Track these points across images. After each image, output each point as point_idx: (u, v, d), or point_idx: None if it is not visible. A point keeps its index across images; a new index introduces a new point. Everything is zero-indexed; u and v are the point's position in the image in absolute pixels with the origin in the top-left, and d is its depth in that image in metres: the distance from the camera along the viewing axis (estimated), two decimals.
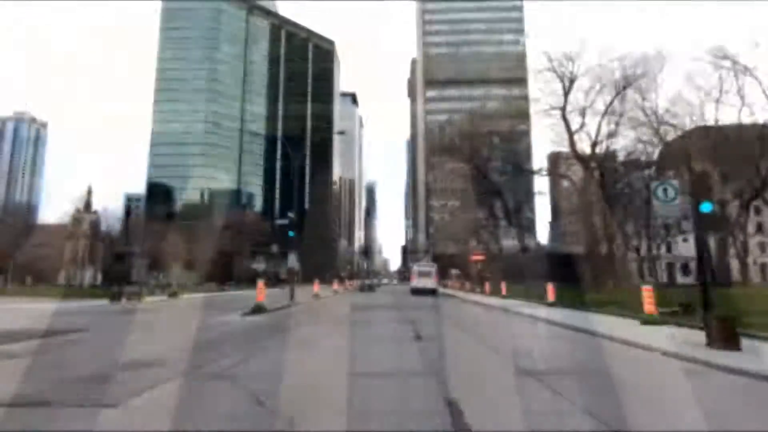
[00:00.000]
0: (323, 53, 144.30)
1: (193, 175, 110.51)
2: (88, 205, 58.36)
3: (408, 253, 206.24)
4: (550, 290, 19.30)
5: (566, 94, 24.97)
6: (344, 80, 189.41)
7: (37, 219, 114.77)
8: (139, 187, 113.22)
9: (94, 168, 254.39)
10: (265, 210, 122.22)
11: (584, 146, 28.56)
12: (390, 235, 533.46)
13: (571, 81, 24.74)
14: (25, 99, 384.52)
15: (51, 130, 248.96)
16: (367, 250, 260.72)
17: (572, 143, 24.84)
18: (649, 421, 3.67)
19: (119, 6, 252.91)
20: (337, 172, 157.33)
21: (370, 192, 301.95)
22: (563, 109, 25.12)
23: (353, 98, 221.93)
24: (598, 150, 25.02)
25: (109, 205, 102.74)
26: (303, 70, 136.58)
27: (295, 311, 15.89)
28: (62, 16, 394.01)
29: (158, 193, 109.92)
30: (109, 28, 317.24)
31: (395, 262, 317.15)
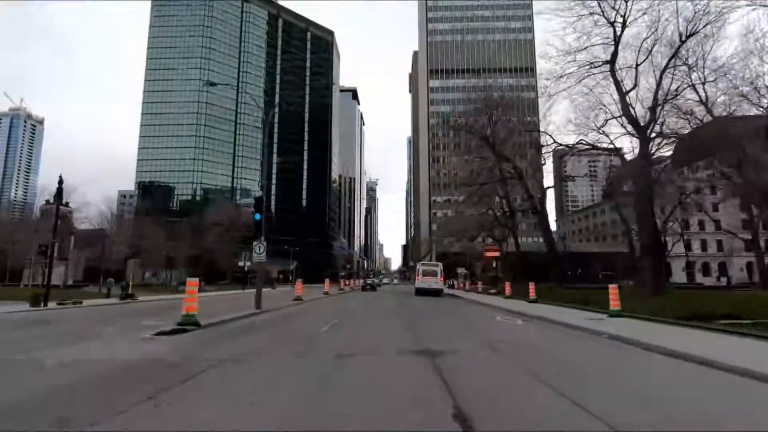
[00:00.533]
0: (322, 43, 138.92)
1: (185, 170, 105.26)
2: (59, 195, 52.59)
3: (409, 251, 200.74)
4: (614, 294, 13.87)
5: (617, 43, 19.42)
6: (345, 77, 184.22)
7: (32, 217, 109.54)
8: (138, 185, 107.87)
9: (92, 165, 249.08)
10: (265, 206, 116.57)
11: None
12: (390, 234, 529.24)
13: (623, 26, 19.27)
14: (22, 95, 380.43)
15: (48, 127, 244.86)
16: (367, 249, 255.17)
17: (625, 105, 19.32)
18: None
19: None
20: (336, 169, 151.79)
21: (371, 190, 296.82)
22: (612, 62, 19.61)
23: (354, 94, 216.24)
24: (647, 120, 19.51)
25: (92, 200, 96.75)
26: (301, 60, 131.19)
27: (245, 327, 10.49)
28: (57, 17, 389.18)
29: (147, 189, 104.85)
30: (105, 20, 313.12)
31: (396, 261, 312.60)
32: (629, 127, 20.88)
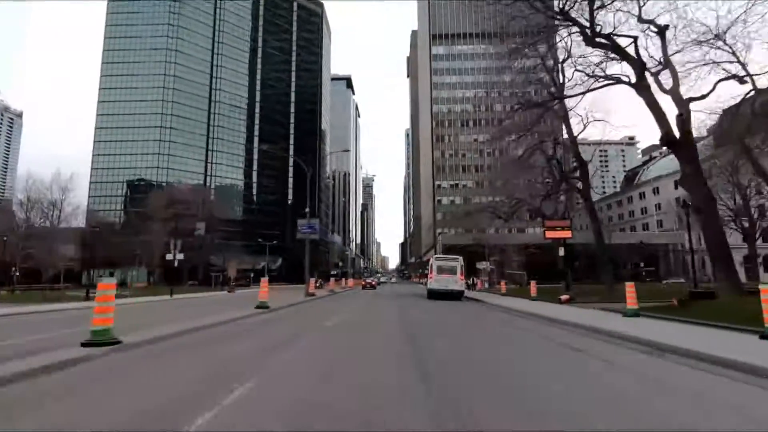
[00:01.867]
0: (312, 18, 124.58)
1: (148, 152, 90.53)
2: None
3: (408, 249, 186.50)
4: None
5: None
6: (340, 68, 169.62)
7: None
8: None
9: (81, 160, 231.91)
10: (246, 198, 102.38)
11: None
12: (388, 233, 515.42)
13: None
14: None
15: (27, 120, 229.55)
16: (364, 247, 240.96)
17: None
18: None
19: None
20: (328, 160, 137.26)
21: (368, 187, 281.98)
22: None
23: (348, 82, 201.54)
24: None
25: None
26: (287, 36, 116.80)
27: None
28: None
29: (105, 181, 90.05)
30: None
31: (393, 260, 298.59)
32: None
